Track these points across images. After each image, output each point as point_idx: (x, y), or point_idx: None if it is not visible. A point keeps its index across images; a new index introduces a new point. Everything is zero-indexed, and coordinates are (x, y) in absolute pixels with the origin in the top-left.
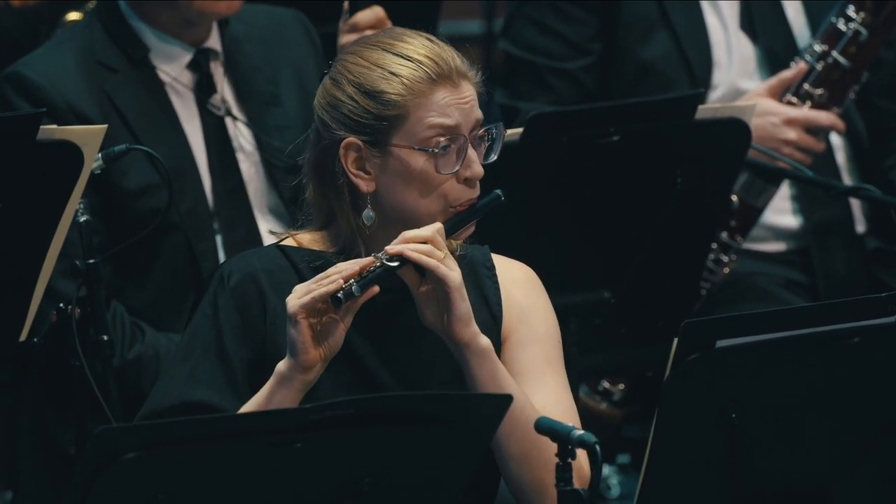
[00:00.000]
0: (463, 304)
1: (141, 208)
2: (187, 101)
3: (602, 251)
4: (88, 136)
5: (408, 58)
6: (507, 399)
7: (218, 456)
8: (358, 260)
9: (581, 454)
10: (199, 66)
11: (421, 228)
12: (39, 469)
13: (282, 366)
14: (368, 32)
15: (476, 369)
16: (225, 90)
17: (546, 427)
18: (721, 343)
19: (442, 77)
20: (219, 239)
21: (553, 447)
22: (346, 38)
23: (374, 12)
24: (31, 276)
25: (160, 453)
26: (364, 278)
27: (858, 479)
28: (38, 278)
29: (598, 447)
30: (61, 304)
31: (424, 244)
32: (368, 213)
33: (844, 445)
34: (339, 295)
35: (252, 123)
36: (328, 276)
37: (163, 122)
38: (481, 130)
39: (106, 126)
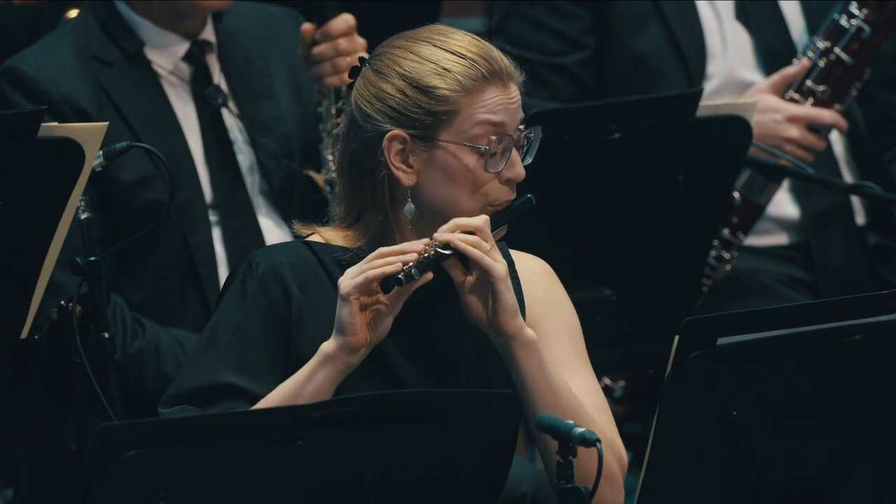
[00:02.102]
0: (508, 294)
1: (138, 200)
2: (182, 93)
3: (603, 248)
4: (89, 134)
5: (460, 55)
6: (511, 397)
7: (219, 453)
8: (411, 243)
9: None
10: (196, 57)
11: (471, 218)
12: (40, 466)
13: (327, 346)
14: (341, 41)
15: (523, 361)
16: (220, 82)
17: (547, 424)
18: (722, 340)
19: (494, 75)
20: (216, 231)
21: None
22: (320, 48)
23: (346, 20)
24: (32, 273)
25: (161, 451)
26: (421, 263)
27: (859, 476)
28: (38, 276)
29: (599, 445)
30: (62, 302)
31: (472, 234)
32: (410, 206)
33: (845, 442)
34: (400, 276)
35: (245, 115)
36: (383, 257)
37: (158, 115)
38: (522, 134)
39: (107, 123)
